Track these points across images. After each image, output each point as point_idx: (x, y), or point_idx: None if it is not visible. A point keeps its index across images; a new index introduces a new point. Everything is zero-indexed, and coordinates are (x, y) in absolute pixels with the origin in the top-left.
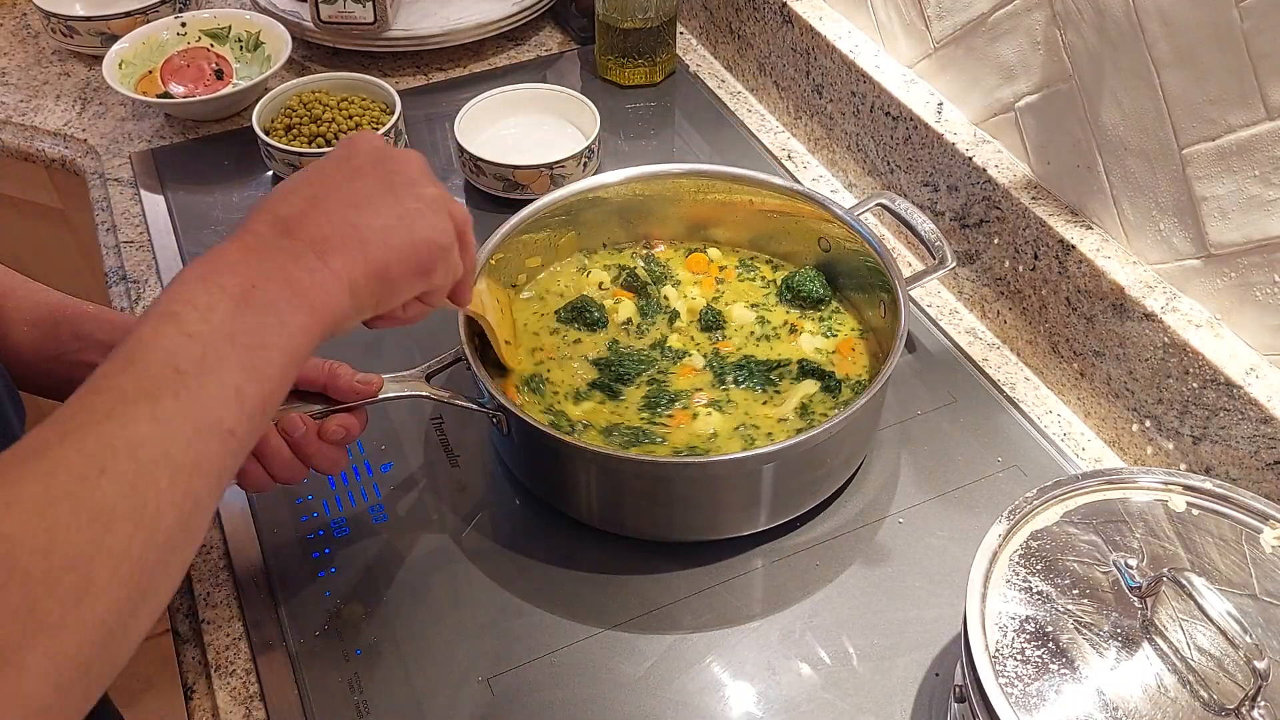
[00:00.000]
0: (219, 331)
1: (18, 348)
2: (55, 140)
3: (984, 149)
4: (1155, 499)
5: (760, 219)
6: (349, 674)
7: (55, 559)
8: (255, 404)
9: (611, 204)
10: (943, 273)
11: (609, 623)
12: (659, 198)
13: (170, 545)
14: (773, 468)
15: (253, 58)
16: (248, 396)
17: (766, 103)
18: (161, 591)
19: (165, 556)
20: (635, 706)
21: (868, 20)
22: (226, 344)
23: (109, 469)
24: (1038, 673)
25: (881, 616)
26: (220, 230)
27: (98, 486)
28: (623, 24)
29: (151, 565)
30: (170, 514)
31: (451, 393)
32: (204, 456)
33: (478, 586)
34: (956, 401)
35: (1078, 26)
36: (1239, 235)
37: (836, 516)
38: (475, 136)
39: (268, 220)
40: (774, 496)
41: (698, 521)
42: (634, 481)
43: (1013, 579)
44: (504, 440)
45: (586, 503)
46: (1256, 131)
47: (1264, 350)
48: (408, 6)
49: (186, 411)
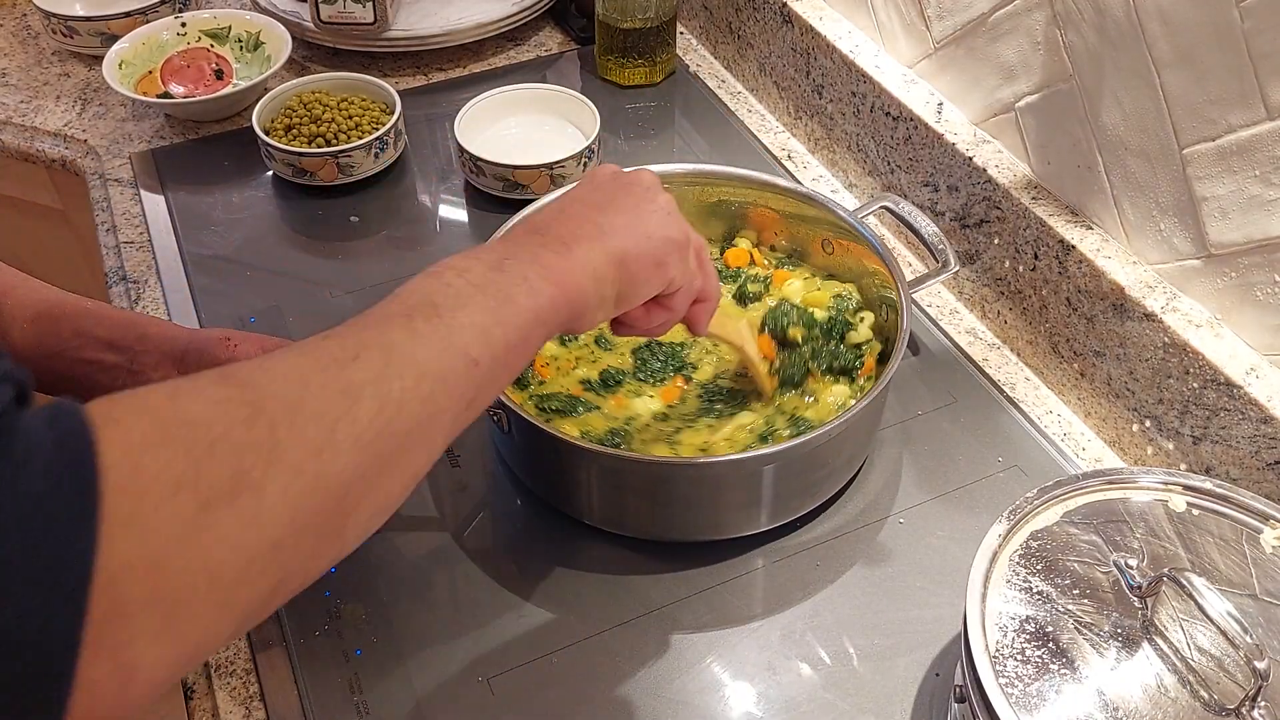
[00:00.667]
0: (473, 284)
1: (17, 344)
2: (55, 140)
3: (984, 149)
4: (1155, 499)
5: (765, 219)
6: (349, 674)
7: (303, 411)
8: (500, 346)
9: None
10: (945, 276)
11: (609, 623)
12: None
13: (408, 437)
14: (773, 468)
15: (253, 58)
16: (494, 337)
17: (766, 103)
18: (394, 482)
19: (403, 445)
20: (635, 706)
21: (868, 20)
22: (479, 293)
23: (362, 357)
24: (1038, 673)
25: (882, 616)
26: (220, 230)
27: (349, 368)
28: (623, 24)
29: (389, 449)
30: (412, 407)
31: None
32: (449, 371)
33: (478, 586)
34: (957, 401)
35: (1078, 26)
36: (1239, 235)
37: (837, 517)
38: (475, 136)
39: (523, 226)
40: (775, 497)
41: (698, 521)
42: (635, 481)
43: (1013, 579)
44: (504, 439)
45: (587, 502)
46: (1257, 131)
47: (1264, 350)
48: (408, 6)
49: (437, 332)
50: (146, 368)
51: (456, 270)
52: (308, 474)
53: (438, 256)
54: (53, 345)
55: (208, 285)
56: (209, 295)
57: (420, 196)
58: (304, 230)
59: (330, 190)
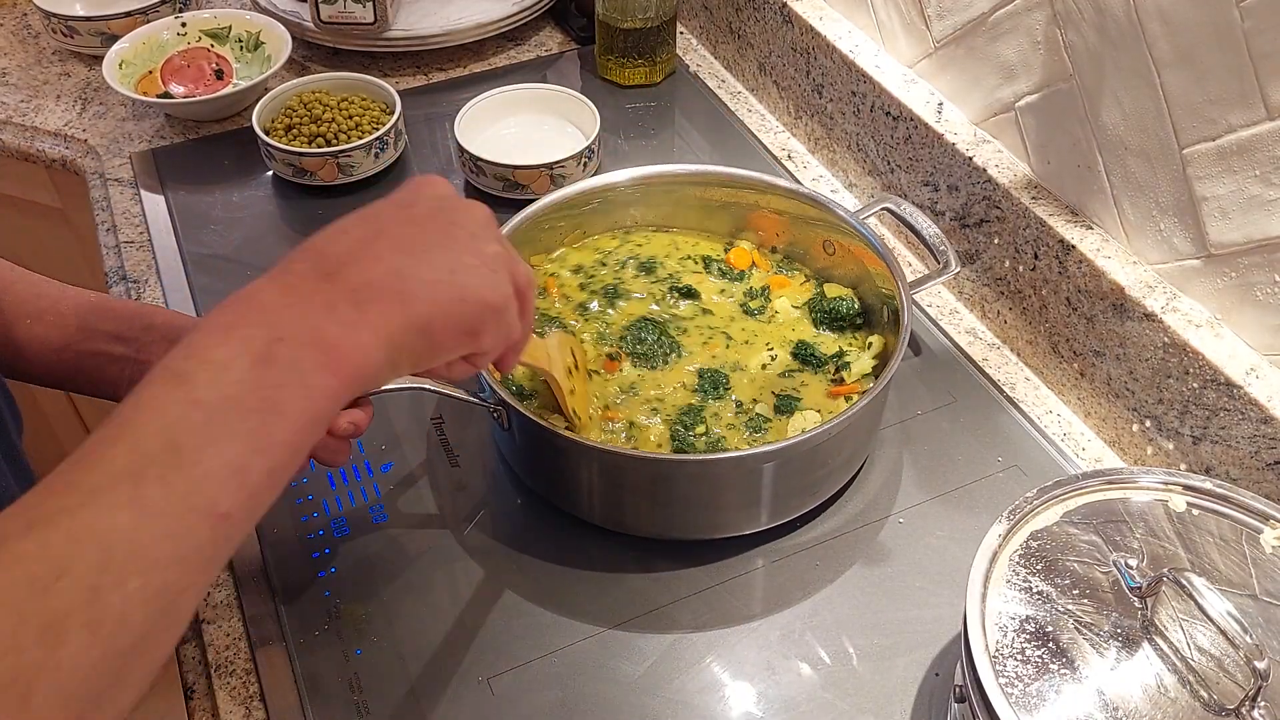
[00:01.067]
0: (229, 398)
1: (22, 341)
2: (55, 140)
3: (984, 149)
4: (1155, 499)
5: (766, 220)
6: (349, 674)
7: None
8: (260, 479)
9: (615, 203)
10: (947, 277)
11: (609, 622)
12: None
13: (136, 649)
14: (773, 466)
15: (253, 58)
16: (251, 471)
17: (766, 103)
18: (128, 694)
19: (128, 662)
20: (635, 706)
21: (868, 20)
22: (235, 413)
23: (69, 572)
24: (1038, 673)
25: (881, 616)
26: (220, 230)
27: (52, 593)
28: (623, 24)
29: (110, 673)
30: (138, 615)
31: (452, 385)
32: (188, 547)
33: (478, 586)
34: (956, 401)
35: (1078, 26)
36: (1239, 235)
37: (837, 516)
38: (475, 136)
39: (312, 258)
40: (775, 496)
41: (698, 520)
42: (635, 479)
43: (1013, 579)
44: (504, 436)
45: (587, 500)
46: (1257, 131)
47: (1264, 350)
48: (408, 6)
49: (174, 495)
50: (154, 355)
51: (211, 370)
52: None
53: None
54: (58, 340)
55: (208, 285)
56: (209, 295)
57: None
58: (304, 230)
59: (330, 190)
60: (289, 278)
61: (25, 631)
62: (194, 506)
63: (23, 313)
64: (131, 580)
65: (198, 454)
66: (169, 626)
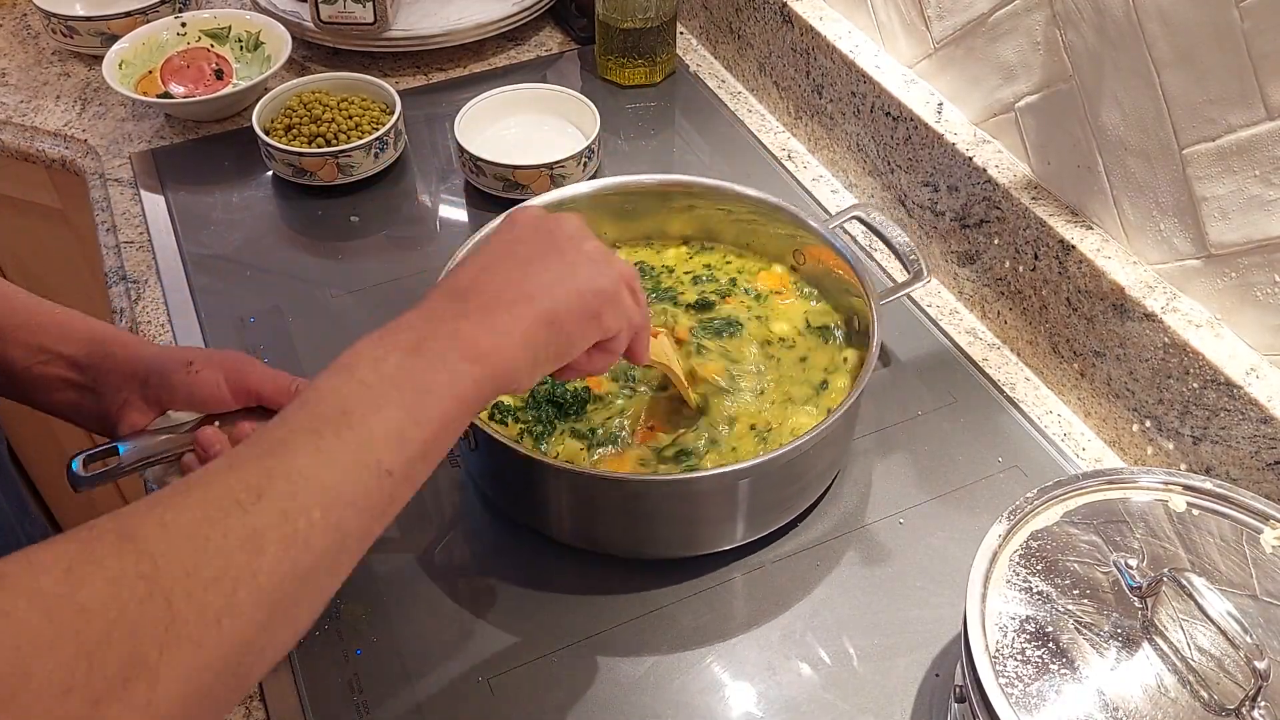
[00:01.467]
0: (387, 378)
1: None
2: (55, 140)
3: (984, 149)
4: (1155, 499)
5: (739, 229)
6: (349, 674)
7: (200, 578)
8: (417, 446)
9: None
10: (917, 287)
11: (610, 622)
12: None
13: (315, 573)
14: (748, 483)
15: (253, 58)
16: (410, 439)
17: (766, 103)
18: (302, 617)
19: (309, 584)
20: (635, 706)
21: (868, 20)
22: (393, 389)
23: (265, 495)
24: (1038, 673)
25: (882, 616)
26: (220, 230)
27: (252, 511)
28: (623, 24)
29: (294, 592)
30: (319, 542)
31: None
32: (360, 492)
33: (478, 586)
34: (957, 401)
35: (1078, 26)
36: (1239, 235)
37: (837, 517)
38: (475, 136)
39: (442, 291)
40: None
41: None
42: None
43: (1013, 579)
44: (471, 456)
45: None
46: (1257, 131)
47: (1264, 350)
48: (408, 6)
49: (347, 447)
50: (108, 389)
51: (370, 362)
52: (206, 646)
53: (438, 256)
54: (19, 358)
55: (208, 285)
56: (209, 295)
57: (420, 196)
58: (304, 230)
59: (330, 190)
60: (426, 306)
61: (230, 539)
62: (362, 461)
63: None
64: (314, 510)
65: (365, 418)
66: (341, 560)
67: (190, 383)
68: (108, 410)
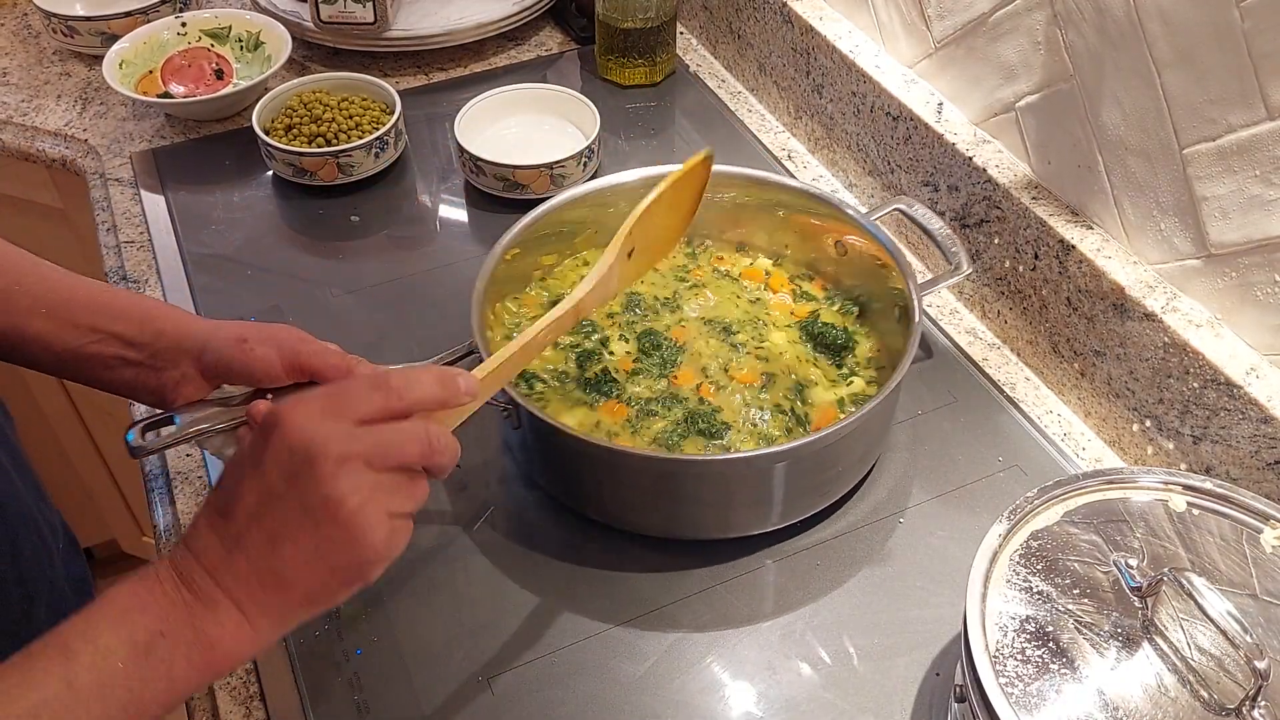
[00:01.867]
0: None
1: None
2: (56, 140)
3: (984, 149)
4: (1155, 499)
5: (774, 222)
6: (349, 674)
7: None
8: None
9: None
10: (959, 278)
11: (610, 622)
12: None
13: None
14: (784, 466)
15: (253, 58)
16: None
17: (766, 103)
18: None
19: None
20: (635, 706)
21: (868, 20)
22: (102, 697)
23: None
24: (1038, 673)
25: (882, 616)
26: (220, 230)
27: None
28: (623, 24)
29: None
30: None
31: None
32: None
33: (479, 585)
34: (957, 401)
35: (1078, 26)
36: (1239, 235)
37: (837, 517)
38: (475, 136)
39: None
40: (785, 496)
41: (707, 520)
42: (644, 479)
43: (1013, 579)
44: (515, 435)
45: (597, 498)
46: (1257, 131)
47: (1264, 350)
48: (408, 6)
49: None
50: (167, 364)
51: (94, 654)
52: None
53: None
54: (72, 339)
55: (208, 284)
56: (209, 295)
57: (420, 196)
58: (304, 230)
59: (330, 190)
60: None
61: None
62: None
63: (36, 308)
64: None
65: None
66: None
67: (246, 359)
68: (165, 384)
